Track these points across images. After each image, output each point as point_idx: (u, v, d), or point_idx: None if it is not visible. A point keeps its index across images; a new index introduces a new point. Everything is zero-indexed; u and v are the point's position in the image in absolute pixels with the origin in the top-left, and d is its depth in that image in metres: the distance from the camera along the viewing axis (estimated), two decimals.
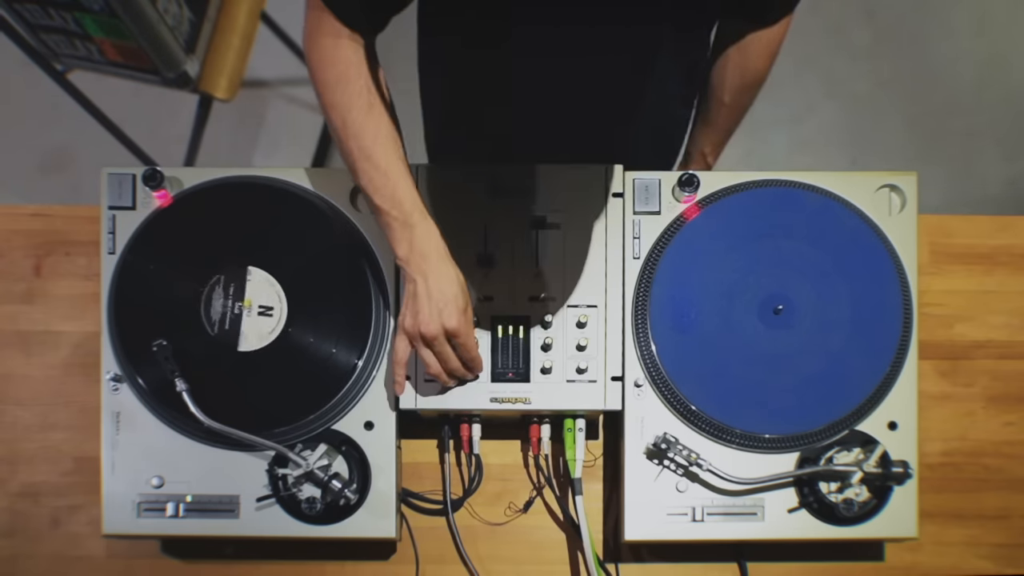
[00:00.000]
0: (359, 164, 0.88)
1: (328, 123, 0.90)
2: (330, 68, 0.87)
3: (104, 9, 1.51)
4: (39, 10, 1.57)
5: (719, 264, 0.97)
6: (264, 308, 0.96)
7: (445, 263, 0.88)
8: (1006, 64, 2.33)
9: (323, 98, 0.89)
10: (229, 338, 0.96)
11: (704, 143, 1.15)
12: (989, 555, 1.07)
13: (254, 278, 0.97)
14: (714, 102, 1.09)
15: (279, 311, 0.96)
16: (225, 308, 0.96)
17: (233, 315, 0.96)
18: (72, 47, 1.67)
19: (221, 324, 0.96)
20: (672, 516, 0.96)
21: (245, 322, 0.96)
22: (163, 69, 1.64)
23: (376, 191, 0.88)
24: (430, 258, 0.87)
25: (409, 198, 0.88)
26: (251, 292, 0.96)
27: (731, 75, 1.05)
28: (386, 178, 0.87)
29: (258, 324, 0.96)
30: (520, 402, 0.96)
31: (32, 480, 1.07)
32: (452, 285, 0.88)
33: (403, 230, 0.87)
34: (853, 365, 0.96)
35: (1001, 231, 1.13)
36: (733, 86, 1.06)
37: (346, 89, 0.87)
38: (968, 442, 1.09)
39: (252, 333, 0.96)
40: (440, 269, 0.87)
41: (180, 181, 1.00)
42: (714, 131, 1.13)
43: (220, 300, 0.96)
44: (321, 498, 0.95)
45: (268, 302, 0.96)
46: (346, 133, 0.88)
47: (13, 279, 1.11)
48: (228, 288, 0.96)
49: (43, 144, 2.23)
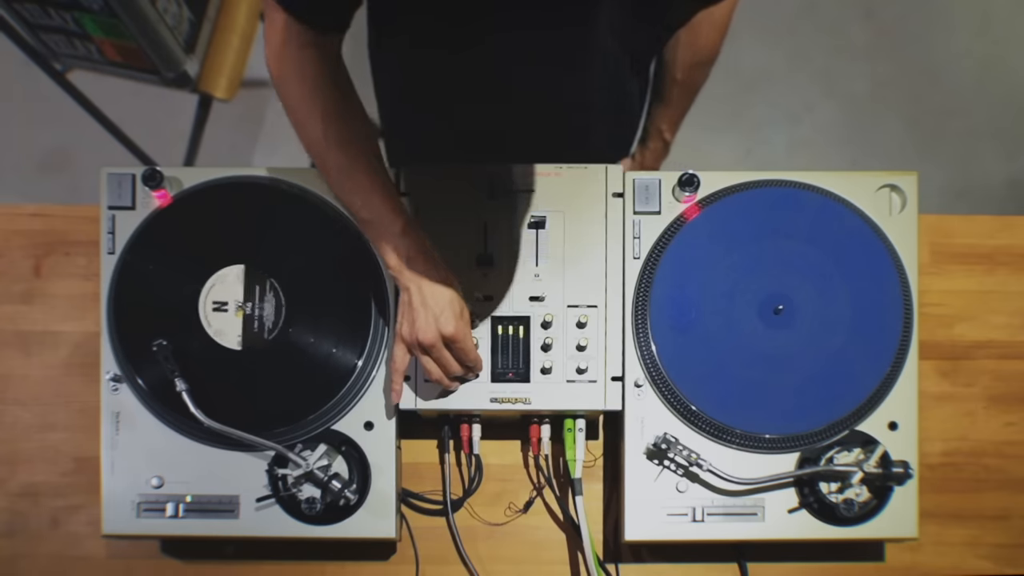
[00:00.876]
0: (338, 178, 0.88)
1: (302, 140, 0.88)
2: (300, 82, 0.85)
3: (104, 9, 1.51)
4: (39, 10, 1.57)
5: (719, 264, 0.97)
6: (262, 306, 0.96)
7: (437, 268, 0.88)
8: (1006, 64, 2.33)
9: (295, 114, 0.87)
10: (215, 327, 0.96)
11: (660, 121, 1.16)
12: (989, 555, 1.07)
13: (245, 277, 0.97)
14: (667, 80, 1.10)
15: (278, 309, 0.96)
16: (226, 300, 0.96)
17: (231, 309, 0.96)
18: (72, 47, 1.67)
19: (214, 312, 0.96)
20: (672, 516, 0.96)
21: (237, 320, 0.96)
22: (163, 69, 1.64)
23: (360, 205, 0.87)
24: (421, 265, 0.87)
25: (392, 207, 0.87)
26: (247, 292, 0.96)
27: (682, 53, 1.06)
28: (367, 191, 0.87)
29: (256, 323, 0.96)
30: (520, 402, 0.96)
31: (32, 480, 1.07)
32: (446, 290, 0.87)
33: (390, 239, 0.87)
34: (853, 365, 0.96)
35: (1001, 231, 1.13)
36: (684, 64, 1.07)
37: (314, 104, 0.85)
38: (968, 442, 1.09)
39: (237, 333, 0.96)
40: (432, 275, 0.87)
41: (180, 181, 1.00)
42: (669, 108, 1.14)
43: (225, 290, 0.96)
44: (321, 498, 0.94)
45: (266, 300, 0.96)
46: (323, 148, 0.87)
47: (13, 279, 1.11)
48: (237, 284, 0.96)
49: (43, 144, 2.23)
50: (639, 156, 1.22)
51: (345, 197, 0.89)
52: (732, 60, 2.35)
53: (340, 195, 0.89)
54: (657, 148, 1.19)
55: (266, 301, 0.96)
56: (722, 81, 2.22)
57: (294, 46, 0.84)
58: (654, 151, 1.20)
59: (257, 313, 0.96)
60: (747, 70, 2.28)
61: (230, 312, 0.96)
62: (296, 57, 0.84)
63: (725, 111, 2.25)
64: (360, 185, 0.87)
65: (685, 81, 1.09)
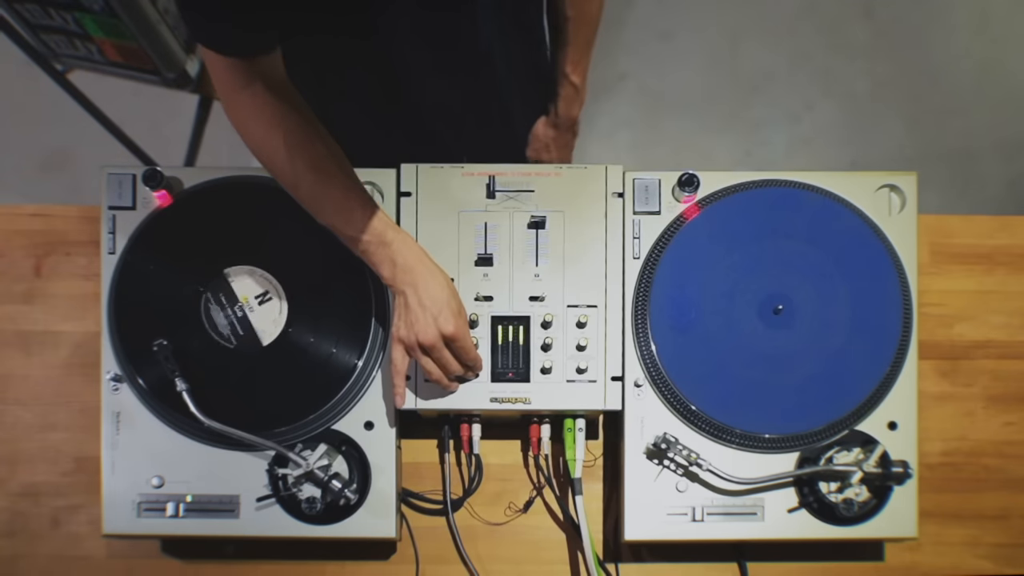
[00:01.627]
0: (316, 205, 0.88)
1: (273, 174, 0.89)
2: (256, 121, 0.85)
3: (104, 9, 1.51)
4: (39, 10, 1.57)
5: (719, 264, 0.97)
6: (261, 297, 0.96)
7: (430, 269, 0.88)
8: (1006, 64, 2.33)
9: (261, 153, 0.87)
10: (232, 339, 0.96)
11: (564, 63, 1.11)
12: (989, 555, 1.07)
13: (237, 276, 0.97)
14: (560, 19, 1.07)
15: (276, 298, 0.96)
16: (225, 310, 0.96)
17: (235, 316, 0.96)
18: (72, 47, 1.67)
19: (222, 326, 0.96)
20: (672, 516, 0.96)
21: (249, 319, 0.96)
22: (163, 69, 1.64)
23: (345, 224, 0.87)
24: (415, 269, 0.87)
25: (376, 218, 0.87)
26: (243, 290, 0.96)
27: None
28: (347, 207, 0.87)
29: (260, 319, 0.96)
30: (520, 402, 0.96)
31: (32, 480, 1.07)
32: (443, 290, 0.88)
33: (380, 250, 0.87)
34: (853, 365, 0.96)
35: (1001, 231, 1.13)
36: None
37: (279, 133, 0.85)
38: (968, 442, 1.09)
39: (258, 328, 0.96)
40: (428, 276, 0.87)
41: (180, 181, 1.00)
42: (570, 48, 1.10)
43: (217, 304, 0.96)
44: (321, 498, 0.95)
45: (264, 291, 0.96)
46: (295, 180, 0.87)
47: (13, 279, 1.11)
48: (221, 293, 0.96)
49: (43, 144, 2.23)
50: (552, 106, 1.17)
51: (327, 220, 0.88)
52: (732, 60, 2.36)
53: (321, 218, 0.89)
54: (569, 94, 1.14)
55: (266, 301, 0.96)
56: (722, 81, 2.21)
57: (240, 85, 0.84)
58: (566, 98, 1.15)
59: (258, 312, 0.96)
60: (747, 70, 2.28)
61: (231, 313, 0.96)
62: (247, 96, 0.84)
63: (725, 111, 2.25)
64: (337, 204, 0.87)
65: (577, 16, 1.06)
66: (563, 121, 1.17)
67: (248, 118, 0.85)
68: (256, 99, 0.84)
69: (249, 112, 0.85)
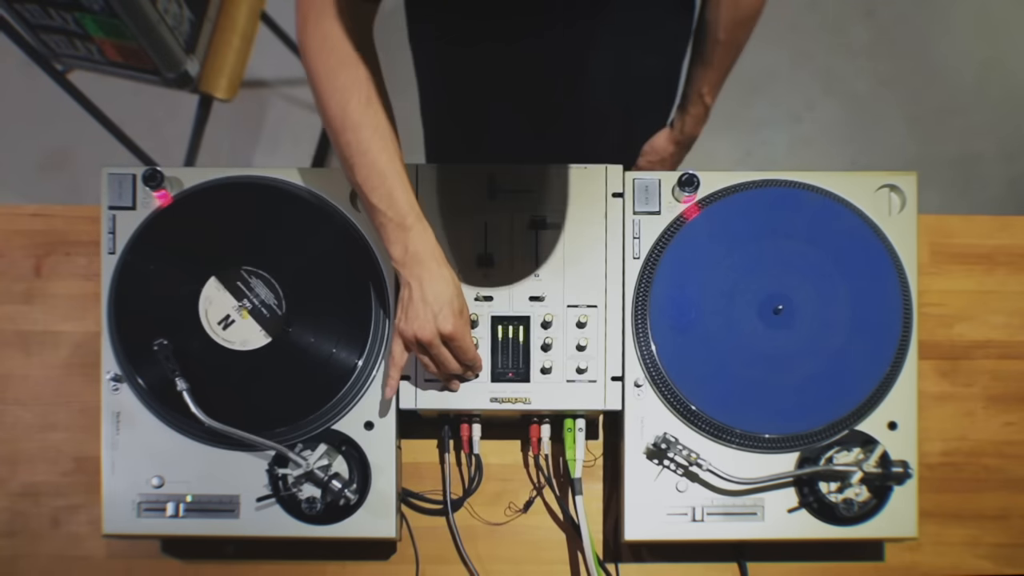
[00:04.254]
0: (355, 159, 0.85)
1: (323, 114, 0.87)
2: (329, 54, 0.84)
3: (104, 9, 1.51)
4: (39, 10, 1.57)
5: (719, 264, 0.97)
6: (262, 306, 0.96)
7: (440, 266, 0.87)
8: (1006, 64, 2.33)
9: (320, 87, 0.85)
10: (239, 340, 0.96)
11: (702, 84, 1.11)
12: (989, 555, 1.07)
13: (248, 278, 0.97)
14: (709, 41, 1.06)
15: (277, 310, 0.96)
16: (224, 309, 0.96)
17: (233, 316, 0.96)
18: (72, 47, 1.67)
19: (220, 324, 0.96)
20: (672, 516, 0.96)
21: (245, 321, 0.96)
22: (163, 69, 1.64)
23: (372, 190, 0.86)
24: (425, 261, 0.86)
25: (405, 199, 0.86)
26: (246, 292, 0.96)
27: (725, 10, 1.03)
28: (383, 177, 0.85)
29: (256, 323, 0.96)
30: (520, 402, 0.96)
31: (32, 480, 1.07)
32: (448, 288, 0.87)
33: (398, 232, 0.86)
34: (853, 365, 0.96)
35: (1001, 231, 1.13)
36: (728, 22, 1.03)
37: (347, 76, 0.84)
38: (968, 442, 1.09)
39: (251, 332, 0.96)
40: (435, 272, 0.86)
41: (180, 181, 1.00)
42: (711, 70, 1.09)
43: (218, 301, 0.96)
44: (321, 498, 0.95)
45: (266, 300, 0.96)
46: (343, 125, 0.85)
47: (13, 279, 1.11)
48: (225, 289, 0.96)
49: (43, 144, 2.23)
50: (679, 123, 1.16)
51: (357, 179, 0.86)
52: None
53: (352, 177, 0.87)
54: (698, 113, 1.14)
55: (264, 296, 0.96)
56: None
57: (327, 15, 0.82)
58: (695, 116, 1.14)
59: (258, 305, 0.96)
60: (748, 69, 2.27)
61: (236, 318, 0.96)
62: (328, 27, 0.83)
63: (725, 111, 2.24)
64: (376, 171, 0.85)
65: (728, 40, 1.05)
66: (687, 139, 1.16)
67: (320, 48, 0.84)
68: (336, 35, 0.83)
69: (321, 42, 0.83)
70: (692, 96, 1.13)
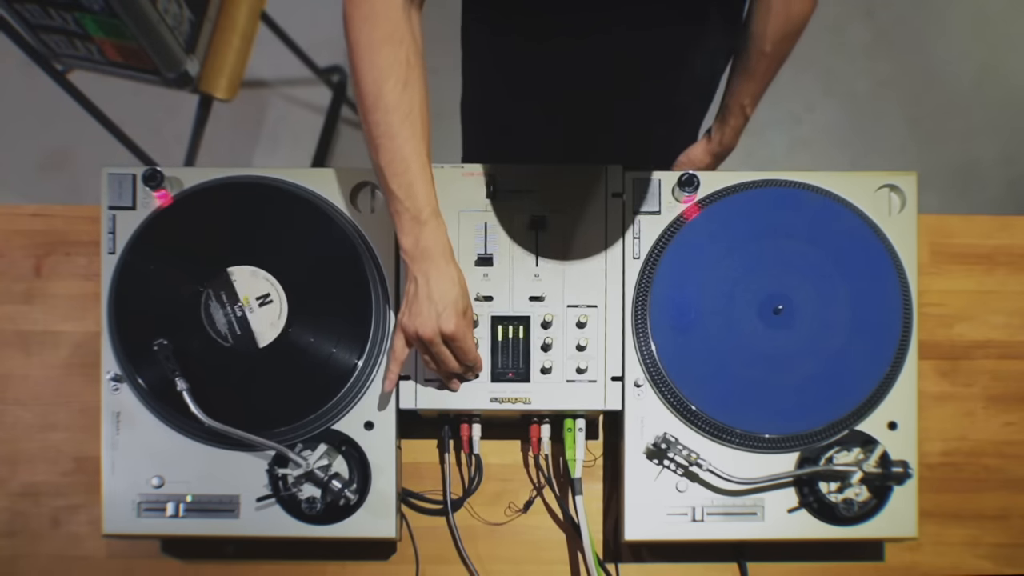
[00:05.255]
0: (382, 141, 0.84)
1: (356, 87, 0.84)
2: (374, 26, 0.81)
3: (104, 9, 1.51)
4: (39, 10, 1.57)
5: (719, 264, 0.97)
6: (262, 299, 0.96)
7: (449, 264, 0.87)
8: (1006, 65, 2.33)
9: (358, 59, 0.82)
10: (229, 337, 0.96)
11: (743, 95, 1.09)
12: (989, 555, 1.07)
13: (240, 276, 0.97)
14: (755, 53, 1.04)
15: (277, 301, 0.96)
16: (224, 309, 0.96)
17: (233, 315, 0.96)
18: (72, 47, 1.67)
19: (220, 324, 0.96)
20: (672, 516, 0.96)
21: (248, 319, 0.96)
22: (163, 69, 1.64)
23: (394, 175, 0.84)
24: (434, 258, 0.86)
25: (425, 192, 0.85)
26: (244, 290, 0.96)
27: (774, 23, 1.00)
28: (407, 165, 0.84)
29: (260, 320, 0.96)
30: (520, 402, 0.96)
31: (32, 480, 1.07)
32: (453, 288, 0.87)
33: (412, 224, 0.85)
34: (853, 365, 0.96)
35: (1001, 231, 1.13)
36: (776, 34, 1.01)
37: (389, 53, 0.82)
38: (968, 442, 1.09)
39: (256, 329, 0.96)
40: (443, 271, 0.86)
41: (180, 181, 1.00)
42: (754, 82, 1.08)
43: (218, 302, 0.96)
44: (321, 498, 0.95)
45: (264, 292, 0.96)
46: (376, 104, 0.82)
47: (13, 279, 1.11)
48: (222, 291, 0.96)
49: (43, 144, 2.23)
50: (717, 134, 1.14)
51: (381, 162, 0.84)
52: None
53: (376, 158, 0.85)
54: (738, 125, 1.13)
55: (266, 301, 0.96)
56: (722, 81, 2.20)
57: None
58: (734, 128, 1.13)
59: (258, 311, 0.96)
60: None
61: (230, 313, 0.96)
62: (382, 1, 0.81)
63: None
64: (400, 157, 0.84)
65: (774, 53, 1.03)
66: (724, 151, 1.15)
67: (367, 17, 0.81)
68: (387, 8, 0.81)
69: (369, 11, 0.81)
70: (733, 107, 1.11)
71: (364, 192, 0.99)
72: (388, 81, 0.82)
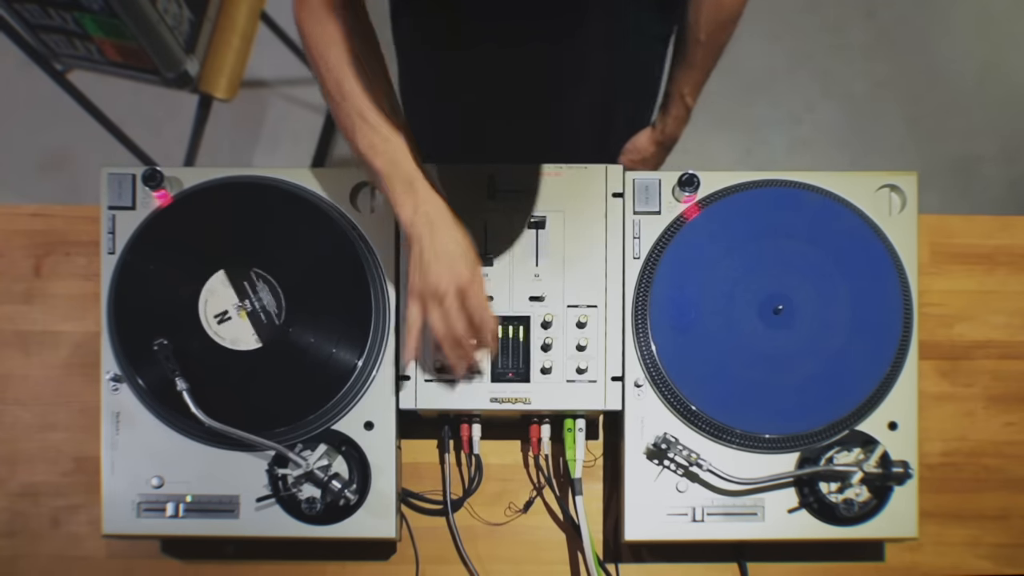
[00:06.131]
0: (356, 124, 0.86)
1: (321, 87, 0.88)
2: (322, 29, 0.85)
3: (104, 9, 1.51)
4: (39, 10, 1.57)
5: (719, 264, 0.97)
6: (261, 311, 0.96)
7: (451, 222, 0.86)
8: (1006, 64, 2.33)
9: (316, 62, 0.86)
10: (229, 338, 0.96)
11: (683, 85, 1.12)
12: (989, 555, 1.07)
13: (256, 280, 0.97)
14: (690, 42, 1.07)
15: (278, 310, 0.96)
16: (224, 304, 0.96)
17: (232, 313, 0.96)
18: (72, 47, 1.67)
19: (216, 318, 0.96)
20: (672, 516, 0.96)
21: (240, 321, 0.96)
22: (163, 69, 1.64)
23: (376, 154, 0.86)
24: (435, 219, 0.85)
25: (409, 160, 0.86)
26: (250, 293, 0.96)
27: (707, 12, 1.03)
28: (386, 140, 0.86)
29: (251, 326, 0.96)
30: (520, 402, 0.96)
31: (32, 480, 1.07)
32: (460, 242, 0.86)
33: (406, 192, 0.85)
34: (853, 365, 0.96)
35: (1001, 231, 1.13)
36: (709, 23, 1.04)
37: (339, 48, 0.85)
38: (968, 442, 1.09)
39: (244, 333, 0.96)
40: (447, 227, 0.86)
41: (180, 181, 1.00)
42: (692, 71, 1.10)
43: (221, 295, 0.96)
44: (321, 498, 0.95)
45: (266, 301, 0.96)
46: (341, 94, 0.85)
47: (13, 279, 1.11)
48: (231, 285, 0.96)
49: (43, 144, 2.23)
50: (660, 124, 1.17)
51: (360, 146, 0.86)
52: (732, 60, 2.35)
53: (355, 144, 0.87)
54: (680, 114, 1.15)
55: (266, 301, 0.96)
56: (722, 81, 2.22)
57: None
58: (677, 117, 1.15)
59: (258, 308, 0.96)
60: (747, 70, 2.28)
61: (234, 315, 0.96)
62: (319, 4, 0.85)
63: (725, 111, 2.25)
64: (376, 133, 0.86)
65: (709, 42, 1.06)
66: (668, 140, 1.17)
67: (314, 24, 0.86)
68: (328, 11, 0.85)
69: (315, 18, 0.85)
70: (674, 97, 1.13)
71: (364, 192, 0.99)
72: (344, 72, 0.85)
